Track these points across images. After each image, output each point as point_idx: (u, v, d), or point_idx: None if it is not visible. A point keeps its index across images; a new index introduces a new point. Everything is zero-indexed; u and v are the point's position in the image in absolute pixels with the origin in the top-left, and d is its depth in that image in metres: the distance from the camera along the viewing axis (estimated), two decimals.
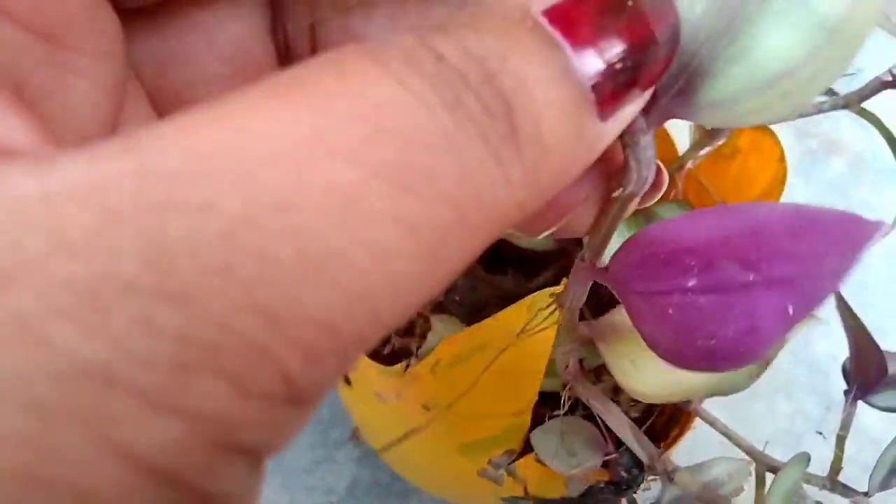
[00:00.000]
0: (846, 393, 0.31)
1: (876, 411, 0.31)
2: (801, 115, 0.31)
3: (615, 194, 0.15)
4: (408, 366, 0.27)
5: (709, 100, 0.14)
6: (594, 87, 0.11)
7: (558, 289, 0.24)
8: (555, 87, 0.11)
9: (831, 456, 0.31)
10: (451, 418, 0.28)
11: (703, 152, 0.32)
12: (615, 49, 0.11)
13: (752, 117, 0.14)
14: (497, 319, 0.25)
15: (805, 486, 0.31)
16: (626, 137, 0.14)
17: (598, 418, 0.33)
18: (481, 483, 0.32)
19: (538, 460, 0.31)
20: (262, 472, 0.11)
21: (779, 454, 0.31)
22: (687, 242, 0.16)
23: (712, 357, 0.15)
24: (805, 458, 0.29)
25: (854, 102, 0.31)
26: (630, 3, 0.12)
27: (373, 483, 0.49)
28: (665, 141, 0.35)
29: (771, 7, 0.13)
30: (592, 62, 0.11)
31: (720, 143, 0.30)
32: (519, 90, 0.11)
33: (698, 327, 0.15)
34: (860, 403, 0.31)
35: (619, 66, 0.11)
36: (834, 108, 0.31)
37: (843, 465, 0.31)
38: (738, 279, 0.15)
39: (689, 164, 0.32)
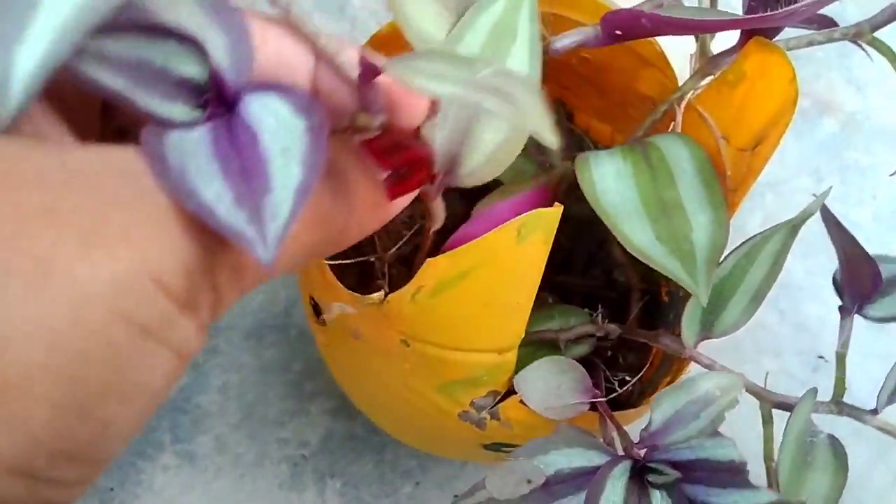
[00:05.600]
0: (841, 309, 0.30)
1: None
2: (812, 44, 0.29)
3: (427, 227, 0.27)
4: (386, 294, 0.25)
5: (466, 172, 0.25)
6: (384, 182, 0.22)
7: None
8: (366, 182, 0.21)
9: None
10: (432, 353, 0.26)
11: (704, 81, 0.30)
12: (393, 167, 0.22)
13: (490, 174, 0.25)
14: (483, 242, 0.23)
15: (812, 415, 0.29)
16: (426, 199, 0.25)
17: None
18: (461, 428, 0.31)
19: (522, 402, 0.29)
20: None
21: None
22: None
23: None
24: (813, 393, 0.28)
25: (866, 32, 0.29)
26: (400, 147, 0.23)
27: (347, 436, 0.47)
28: (664, 72, 0.33)
29: (480, 120, 0.24)
30: (382, 172, 0.22)
31: (723, 70, 0.29)
32: (350, 184, 0.21)
33: None
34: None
35: (395, 176, 0.22)
36: (844, 37, 0.29)
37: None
38: None
39: (690, 95, 0.30)
